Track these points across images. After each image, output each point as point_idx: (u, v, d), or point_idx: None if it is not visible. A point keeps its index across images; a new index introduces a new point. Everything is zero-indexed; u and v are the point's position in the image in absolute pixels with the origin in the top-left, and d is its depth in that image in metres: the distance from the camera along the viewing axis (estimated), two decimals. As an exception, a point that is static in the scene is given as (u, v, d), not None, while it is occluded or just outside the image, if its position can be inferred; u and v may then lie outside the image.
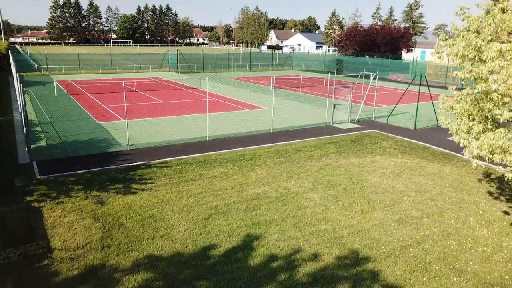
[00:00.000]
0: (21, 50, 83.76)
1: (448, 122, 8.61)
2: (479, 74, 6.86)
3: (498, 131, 6.61)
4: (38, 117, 19.58)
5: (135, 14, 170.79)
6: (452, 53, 7.35)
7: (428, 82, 19.52)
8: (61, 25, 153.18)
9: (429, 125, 19.89)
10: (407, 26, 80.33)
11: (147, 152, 14.58)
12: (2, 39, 79.97)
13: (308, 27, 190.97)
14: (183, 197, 10.76)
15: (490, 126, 7.29)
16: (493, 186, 12.16)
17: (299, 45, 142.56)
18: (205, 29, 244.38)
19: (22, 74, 39.62)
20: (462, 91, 7.56)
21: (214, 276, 7.33)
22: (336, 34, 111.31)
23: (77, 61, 45.53)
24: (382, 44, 55.02)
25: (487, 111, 7.13)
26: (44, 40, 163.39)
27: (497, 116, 6.85)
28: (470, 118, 7.69)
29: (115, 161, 13.45)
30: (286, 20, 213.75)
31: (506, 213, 10.34)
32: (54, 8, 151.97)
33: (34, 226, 9.00)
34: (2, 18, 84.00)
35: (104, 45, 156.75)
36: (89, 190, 10.98)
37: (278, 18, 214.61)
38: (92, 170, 12.47)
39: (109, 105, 23.91)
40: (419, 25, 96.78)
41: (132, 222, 9.31)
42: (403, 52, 59.13)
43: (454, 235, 9.05)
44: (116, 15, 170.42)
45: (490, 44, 6.59)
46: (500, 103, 6.73)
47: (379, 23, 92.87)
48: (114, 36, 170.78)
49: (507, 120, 6.60)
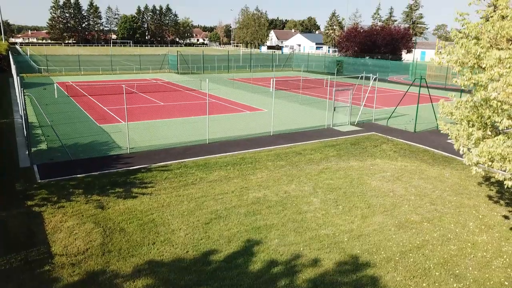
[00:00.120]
0: (21, 50, 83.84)
1: (447, 127, 8.63)
2: (479, 81, 6.89)
3: (497, 138, 6.64)
4: (38, 119, 19.61)
5: (135, 15, 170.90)
6: (451, 60, 7.39)
7: (428, 84, 19.57)
8: (61, 25, 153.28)
9: (429, 127, 19.92)
10: (407, 26, 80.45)
11: (148, 155, 14.61)
12: (2, 40, 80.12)
13: (308, 28, 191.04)
14: (184, 201, 10.79)
15: (489, 133, 7.32)
16: (492, 190, 12.19)
17: (299, 45, 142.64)
18: (205, 29, 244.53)
19: (23, 75, 39.66)
20: (462, 98, 7.59)
21: (214, 282, 7.36)
22: (336, 35, 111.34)
23: (77, 62, 45.56)
24: (382, 45, 55.04)
25: (487, 118, 7.16)
26: (44, 40, 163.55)
27: (496, 123, 6.87)
28: (470, 124, 7.73)
29: (116, 164, 13.48)
30: (286, 20, 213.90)
31: (505, 217, 10.37)
32: (54, 8, 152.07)
33: (35, 231, 9.03)
34: (2, 18, 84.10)
35: (104, 45, 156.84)
36: (89, 194, 11.01)
37: (278, 18, 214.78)
38: (92, 174, 12.50)
39: (109, 107, 23.94)
40: (419, 25, 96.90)
41: (132, 226, 9.34)
42: (403, 53, 59.14)
43: (453, 240, 9.08)
44: (116, 16, 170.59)
45: (489, 51, 6.62)
46: (499, 110, 6.76)
47: (379, 24, 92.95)
48: (114, 36, 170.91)
49: (506, 127, 6.63)
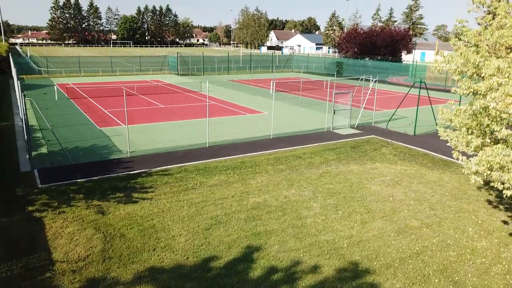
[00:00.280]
0: (21, 51, 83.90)
1: (447, 134, 8.67)
2: (478, 90, 6.92)
3: (496, 147, 6.67)
4: (39, 122, 19.64)
5: (135, 15, 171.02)
6: (450, 69, 7.42)
7: (428, 85, 19.58)
8: (61, 26, 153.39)
9: (428, 130, 19.95)
10: (407, 27, 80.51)
11: (148, 159, 14.65)
12: (2, 41, 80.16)
13: (308, 28, 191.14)
14: (184, 206, 10.82)
15: (488, 140, 7.35)
16: (492, 195, 12.22)
17: (299, 46, 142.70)
18: (205, 29, 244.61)
19: (23, 76, 39.70)
20: (461, 106, 7.63)
21: (214, 289, 7.39)
22: (336, 35, 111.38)
23: (77, 63, 45.61)
24: (382, 46, 55.09)
25: (485, 126, 7.20)
26: (44, 41, 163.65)
27: (495, 132, 6.91)
28: (469, 131, 7.76)
29: (116, 168, 13.51)
30: (286, 20, 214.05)
31: (505, 222, 10.41)
32: (54, 9, 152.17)
33: (36, 237, 9.06)
34: (2, 18, 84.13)
35: (104, 46, 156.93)
36: (90, 199, 11.05)
37: (278, 18, 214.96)
38: (93, 178, 12.53)
39: (109, 109, 23.97)
40: (419, 26, 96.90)
41: (133, 232, 9.38)
42: (403, 54, 59.18)
43: (453, 246, 9.11)
44: (116, 16, 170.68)
45: (488, 60, 6.65)
46: (498, 119, 6.80)
47: (379, 24, 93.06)
48: (114, 37, 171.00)
49: (505, 137, 6.66)
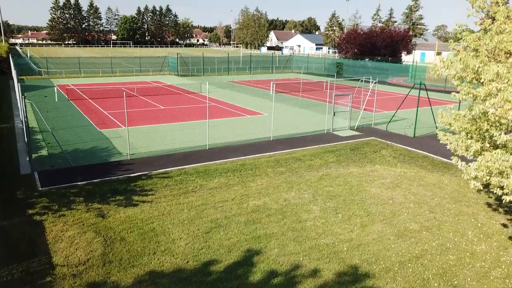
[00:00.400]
0: (21, 52, 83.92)
1: (446, 138, 8.69)
2: (477, 96, 6.94)
3: (495, 152, 6.69)
4: (39, 124, 19.64)
5: (135, 15, 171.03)
6: (450, 74, 7.45)
7: (428, 86, 19.57)
8: (61, 26, 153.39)
9: (428, 132, 19.96)
10: (407, 28, 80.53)
11: (148, 161, 14.67)
12: (2, 41, 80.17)
13: (308, 28, 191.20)
14: (184, 209, 10.84)
15: (488, 145, 7.37)
16: (491, 197, 12.24)
17: (299, 46, 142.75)
18: (205, 29, 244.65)
19: (23, 77, 39.73)
20: (460, 111, 7.65)
21: (214, 293, 7.41)
22: (336, 36, 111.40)
23: (77, 64, 45.63)
24: (382, 47, 55.12)
25: (485, 131, 7.22)
26: (44, 41, 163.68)
27: (494, 137, 6.93)
28: (468, 136, 7.78)
29: (116, 171, 13.53)
30: (286, 20, 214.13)
31: (504, 225, 10.43)
32: (54, 9, 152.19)
33: (36, 240, 9.08)
34: (2, 19, 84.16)
35: (104, 46, 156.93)
36: (90, 202, 11.06)
37: (278, 18, 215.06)
38: (93, 181, 12.55)
39: (109, 111, 23.99)
40: (419, 26, 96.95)
41: (133, 236, 9.39)
42: (403, 54, 59.21)
43: (452, 250, 9.13)
44: (116, 16, 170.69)
45: (487, 66, 6.67)
46: (497, 124, 6.82)
47: (379, 25, 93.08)
48: (114, 37, 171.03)
49: (504, 142, 6.68)
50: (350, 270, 8.27)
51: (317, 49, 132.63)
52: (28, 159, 14.24)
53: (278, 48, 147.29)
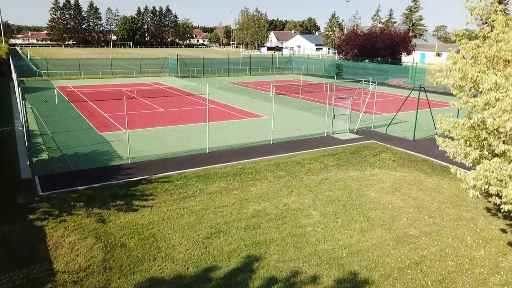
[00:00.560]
0: (21, 53, 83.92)
1: (445, 144, 8.72)
2: (475, 105, 6.98)
3: (493, 161, 6.73)
4: (39, 127, 19.68)
5: (135, 16, 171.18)
6: (448, 83, 7.49)
7: (427, 87, 19.55)
8: (61, 26, 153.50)
9: (428, 135, 19.99)
10: (407, 29, 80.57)
11: (148, 165, 14.70)
12: (2, 42, 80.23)
13: (308, 28, 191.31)
14: (184, 214, 10.88)
15: (486, 152, 7.41)
16: (490, 202, 12.23)
17: (299, 46, 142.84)
18: (205, 30, 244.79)
19: (23, 79, 39.78)
20: (459, 120, 7.69)
21: (214, 300, 7.44)
22: (336, 36, 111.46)
23: (77, 66, 45.67)
24: (382, 48, 55.15)
25: (483, 139, 7.25)
26: (44, 41, 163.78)
27: (492, 146, 6.97)
28: (467, 143, 7.82)
29: (116, 175, 13.56)
30: (286, 21, 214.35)
31: (503, 231, 10.46)
32: (54, 9, 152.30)
33: (37, 246, 9.11)
34: (2, 19, 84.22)
35: (104, 46, 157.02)
36: (91, 207, 11.10)
37: (278, 19, 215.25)
38: (93, 185, 12.59)
39: (110, 113, 24.03)
40: (419, 27, 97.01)
41: (133, 242, 9.43)
42: (403, 55, 59.24)
43: (451, 256, 9.16)
44: (116, 17, 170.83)
45: (486, 74, 6.71)
46: (496, 132, 6.85)
47: (379, 26, 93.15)
48: (114, 37, 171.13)
49: (503, 152, 6.72)
50: (350, 276, 8.31)
51: (317, 49, 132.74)
52: (28, 163, 14.28)
53: (278, 48, 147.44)
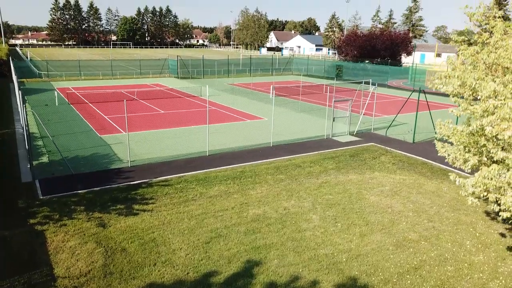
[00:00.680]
0: (22, 54, 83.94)
1: (445, 150, 8.76)
2: (474, 112, 7.02)
3: (492, 168, 6.76)
4: (39, 129, 19.71)
5: (135, 16, 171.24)
6: (447, 91, 7.53)
7: (427, 89, 19.53)
8: (61, 27, 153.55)
9: (427, 137, 20.01)
10: (407, 30, 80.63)
11: (148, 168, 14.73)
12: (2, 43, 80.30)
13: (308, 29, 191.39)
14: (184, 218, 10.91)
15: (485, 159, 7.45)
16: (490, 206, 12.28)
17: (299, 47, 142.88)
18: (205, 30, 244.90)
19: (23, 80, 39.82)
20: (458, 126, 7.73)
21: (214, 306, 7.48)
22: (336, 37, 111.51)
23: (77, 67, 45.70)
24: (381, 49, 55.20)
25: (482, 145, 7.29)
26: (44, 41, 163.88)
27: (491, 154, 7.00)
28: (466, 149, 7.86)
29: (117, 179, 13.59)
30: (286, 21, 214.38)
31: (502, 235, 10.50)
32: (54, 10, 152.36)
33: (37, 251, 9.15)
34: (2, 19, 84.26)
35: (104, 47, 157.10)
36: (91, 211, 11.13)
37: (278, 19, 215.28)
38: (94, 189, 12.62)
39: (110, 115, 24.06)
40: (419, 28, 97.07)
41: (134, 246, 9.46)
42: (403, 56, 59.28)
43: (450, 260, 9.19)
44: (116, 17, 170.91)
45: (484, 82, 6.74)
46: (494, 139, 6.89)
47: (379, 26, 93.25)
48: (114, 38, 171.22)
49: (501, 159, 6.76)
50: (349, 281, 8.34)
51: (317, 50, 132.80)
52: (28, 166, 14.31)
53: (278, 49, 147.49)
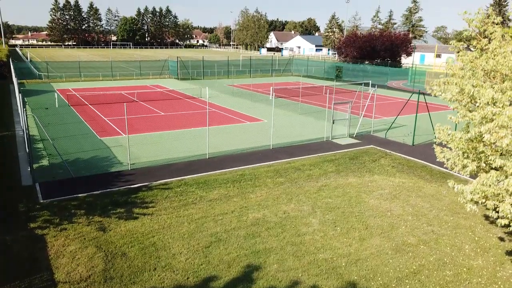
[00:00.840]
0: (22, 54, 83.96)
1: (443, 155, 8.80)
2: (472, 119, 7.06)
3: (490, 175, 6.80)
4: (39, 132, 19.73)
5: (135, 17, 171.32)
6: (446, 98, 7.56)
7: (427, 91, 19.49)
8: (61, 27, 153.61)
9: (427, 140, 20.04)
10: (407, 30, 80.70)
11: (148, 171, 14.76)
12: (2, 44, 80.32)
13: (308, 29, 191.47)
14: (184, 222, 10.94)
15: (484, 164, 7.48)
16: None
17: (299, 47, 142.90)
18: (205, 30, 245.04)
19: (23, 81, 39.86)
20: (456, 133, 7.77)
21: (214, 311, 7.51)
22: (335, 37, 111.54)
23: (77, 68, 45.74)
24: (381, 50, 55.26)
25: (480, 152, 7.33)
26: (44, 42, 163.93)
27: (489, 161, 7.04)
28: (465, 155, 7.89)
29: (117, 182, 13.62)
30: (285, 21, 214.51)
31: (501, 239, 10.53)
32: (54, 10, 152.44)
33: (38, 256, 9.18)
34: (2, 20, 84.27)
35: (104, 47, 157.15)
36: (91, 215, 11.16)
37: (277, 19, 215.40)
38: (94, 193, 12.65)
39: (110, 117, 24.09)
40: (419, 28, 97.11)
41: (134, 251, 9.49)
42: (403, 57, 59.32)
43: (449, 265, 9.23)
44: (116, 18, 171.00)
45: (483, 89, 6.78)
46: (493, 146, 6.93)
47: (379, 27, 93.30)
48: (114, 38, 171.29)
49: (499, 166, 6.79)
50: (349, 286, 8.37)
51: (317, 50, 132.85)
52: (29, 170, 14.34)
53: (278, 49, 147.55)
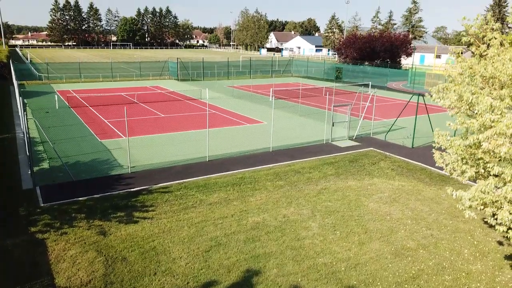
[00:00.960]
0: (22, 55, 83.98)
1: (442, 161, 8.83)
2: (471, 126, 7.10)
3: (489, 182, 6.83)
4: (40, 135, 19.78)
5: (135, 17, 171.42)
6: (445, 104, 7.61)
7: (427, 92, 19.55)
8: (61, 27, 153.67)
9: (426, 142, 20.06)
10: (407, 31, 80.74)
11: (148, 174, 14.80)
12: (2, 44, 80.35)
13: (307, 29, 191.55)
14: (184, 226, 10.98)
15: (483, 170, 7.52)
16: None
17: (299, 48, 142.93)
18: (205, 30, 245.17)
19: (23, 82, 39.89)
20: (455, 140, 7.81)
21: (214, 317, 7.55)
22: (335, 38, 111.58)
23: (77, 69, 45.78)
24: (381, 50, 55.29)
25: (479, 158, 7.36)
26: (44, 42, 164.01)
27: (488, 168, 7.08)
28: (463, 161, 7.93)
29: (117, 185, 13.66)
30: (285, 22, 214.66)
31: (500, 243, 10.56)
32: (54, 10, 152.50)
33: (38, 260, 9.21)
34: (2, 20, 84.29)
35: (104, 47, 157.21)
36: (91, 219, 11.20)
37: (277, 19, 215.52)
38: (94, 196, 12.68)
39: (110, 119, 24.13)
40: (419, 29, 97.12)
41: (134, 255, 9.53)
42: (403, 58, 59.34)
43: (448, 269, 9.27)
44: (116, 18, 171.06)
45: (482, 96, 6.82)
46: (491, 153, 6.96)
47: (379, 27, 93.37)
48: (114, 38, 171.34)
49: (498, 173, 6.83)
50: (348, 291, 8.41)
51: (316, 50, 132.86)
52: (29, 173, 14.37)
53: (278, 49, 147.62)
